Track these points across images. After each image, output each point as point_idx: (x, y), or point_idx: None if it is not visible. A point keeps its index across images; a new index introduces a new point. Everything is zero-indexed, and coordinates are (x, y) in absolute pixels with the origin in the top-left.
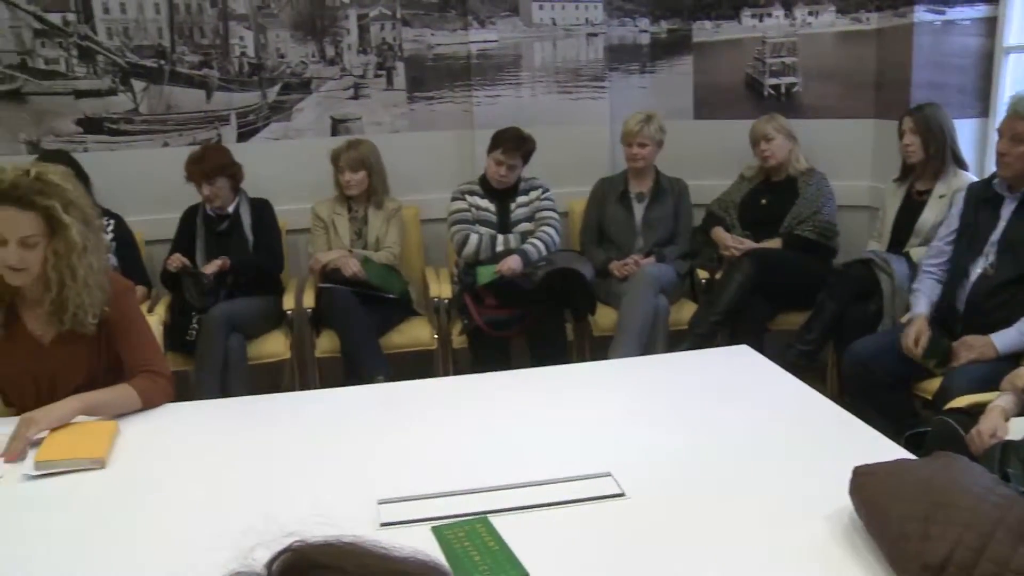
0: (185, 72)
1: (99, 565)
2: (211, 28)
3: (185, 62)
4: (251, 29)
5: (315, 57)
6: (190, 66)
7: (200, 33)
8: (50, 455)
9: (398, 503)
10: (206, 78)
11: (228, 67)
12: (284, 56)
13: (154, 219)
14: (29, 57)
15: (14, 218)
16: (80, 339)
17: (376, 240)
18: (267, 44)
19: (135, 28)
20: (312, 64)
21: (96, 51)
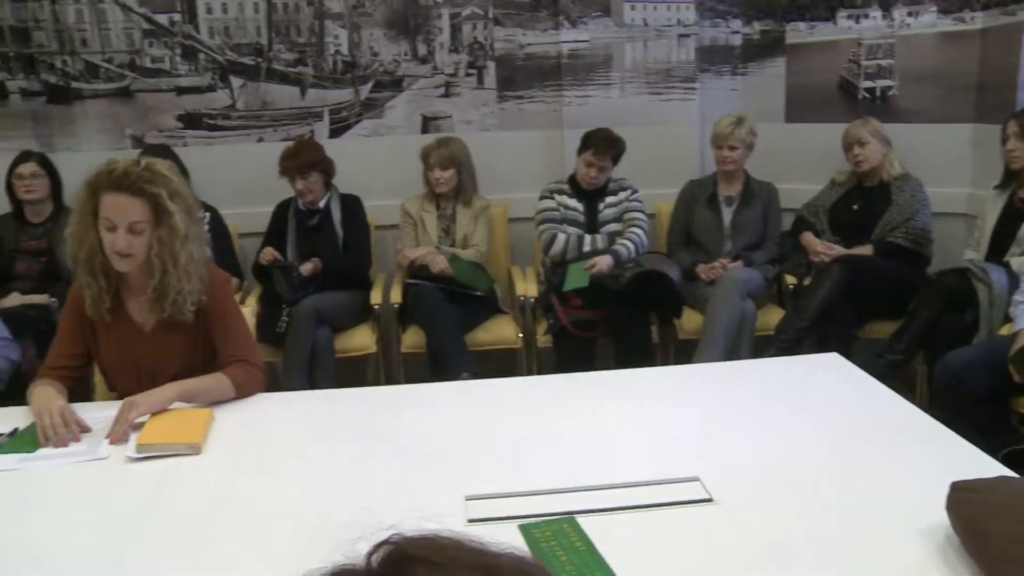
0: (281, 69)
1: (198, 547)
2: (307, 27)
3: (281, 60)
4: (345, 28)
5: (407, 55)
6: (286, 63)
7: (296, 31)
8: (151, 439)
9: (485, 500)
10: (301, 75)
11: (322, 65)
12: (377, 54)
13: (247, 212)
14: (138, 56)
15: (124, 204)
16: (179, 327)
17: (464, 238)
18: (361, 42)
19: (235, 27)
20: (404, 62)
21: (198, 49)
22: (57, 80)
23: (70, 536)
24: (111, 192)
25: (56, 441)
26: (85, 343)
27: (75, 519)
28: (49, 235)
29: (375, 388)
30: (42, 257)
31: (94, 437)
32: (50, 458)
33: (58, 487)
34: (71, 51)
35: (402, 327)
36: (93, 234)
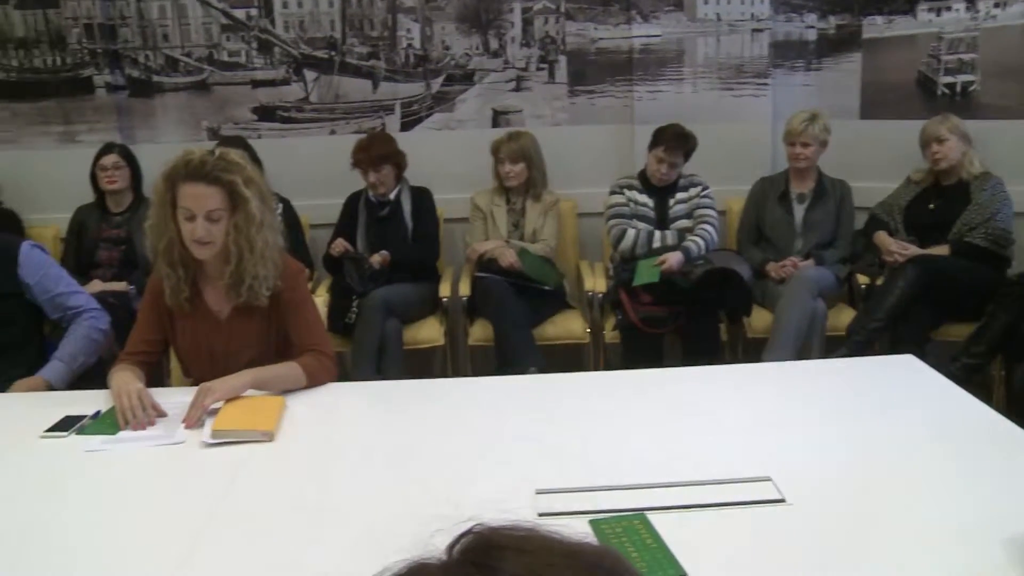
0: (354, 63)
1: (272, 534)
2: (380, 20)
3: (354, 53)
4: (418, 22)
5: (479, 49)
6: (359, 57)
7: (370, 25)
8: (225, 425)
9: (555, 494)
10: (373, 69)
11: (395, 58)
12: (449, 48)
13: (319, 204)
14: (215, 50)
15: (202, 193)
16: (254, 316)
17: (533, 232)
18: (433, 36)
19: (310, 21)
20: (476, 56)
21: (273, 43)
22: (139, 74)
23: (147, 517)
24: (188, 182)
25: (134, 424)
26: (163, 330)
27: (153, 501)
28: (128, 224)
29: (443, 380)
30: (121, 245)
31: (171, 422)
32: (130, 441)
33: (137, 469)
34: (153, 46)
35: (470, 320)
36: (172, 225)
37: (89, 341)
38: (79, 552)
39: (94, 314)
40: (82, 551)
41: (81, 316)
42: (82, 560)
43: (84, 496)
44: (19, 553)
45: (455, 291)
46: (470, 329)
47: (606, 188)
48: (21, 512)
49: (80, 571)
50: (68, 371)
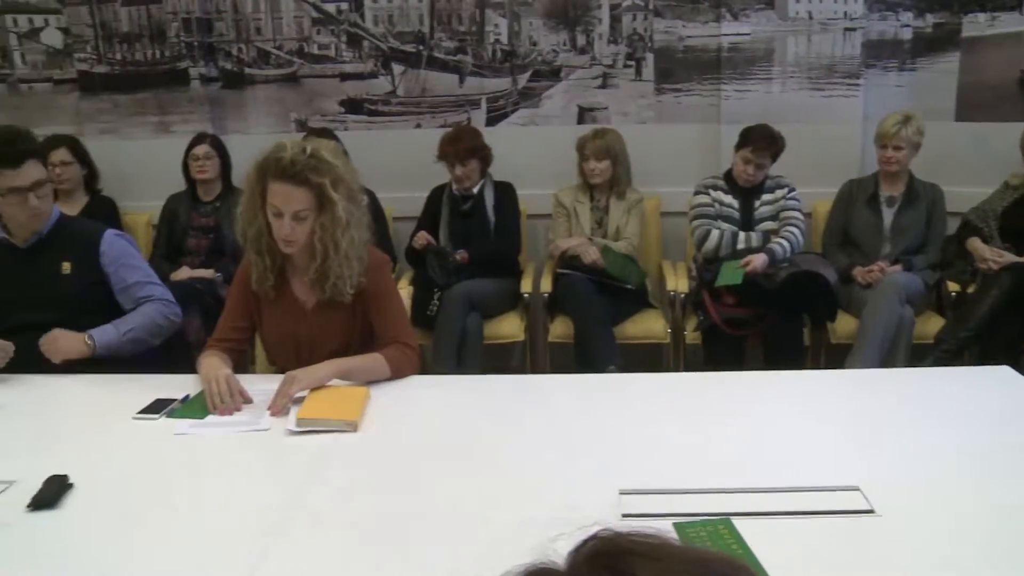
0: (441, 57)
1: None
2: (468, 15)
3: (442, 48)
4: (506, 17)
5: (566, 45)
6: (446, 51)
7: (458, 20)
8: (310, 414)
9: (640, 495)
10: (460, 63)
11: (482, 53)
12: (536, 44)
13: (403, 196)
14: (306, 43)
15: (290, 193)
16: (339, 307)
17: (616, 230)
18: (520, 32)
19: (399, 15)
20: (563, 52)
21: (363, 37)
22: (232, 66)
23: (232, 502)
24: (278, 181)
25: (222, 409)
26: (250, 317)
27: (237, 486)
28: (217, 213)
29: (523, 376)
30: (210, 234)
31: (257, 409)
32: (217, 425)
33: (223, 453)
34: (246, 39)
35: (550, 316)
36: (261, 215)
37: (150, 321)
38: (164, 532)
39: (164, 303)
40: (167, 532)
41: (151, 300)
42: (167, 540)
43: (172, 478)
44: (106, 530)
45: (536, 287)
46: (550, 325)
47: (690, 187)
48: (111, 491)
49: (166, 551)
50: (117, 337)
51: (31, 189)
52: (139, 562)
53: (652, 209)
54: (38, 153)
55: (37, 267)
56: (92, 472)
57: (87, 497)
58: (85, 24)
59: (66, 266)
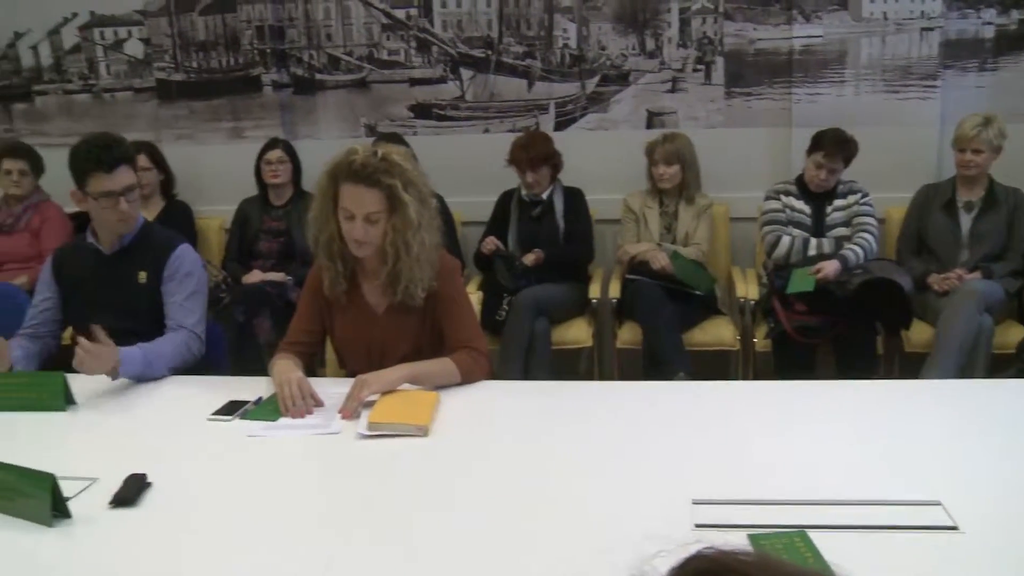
0: (510, 62)
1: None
2: (537, 20)
3: (510, 52)
4: (574, 21)
5: (635, 50)
6: (515, 56)
7: (526, 25)
8: (381, 418)
9: (712, 505)
10: (529, 68)
11: (550, 58)
12: (605, 48)
13: (471, 201)
14: (375, 49)
15: (362, 195)
16: (410, 311)
17: (685, 235)
18: (589, 36)
19: (467, 20)
20: (631, 56)
21: (432, 42)
22: (303, 73)
23: (303, 504)
24: (350, 183)
25: (295, 412)
26: (321, 321)
27: (309, 488)
28: (288, 217)
29: (592, 383)
30: (281, 237)
31: (328, 412)
32: (289, 428)
33: (295, 456)
34: (317, 45)
35: (619, 322)
36: (333, 220)
37: (177, 355)
38: (237, 533)
39: (194, 336)
40: (239, 532)
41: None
42: (239, 540)
43: (244, 479)
44: (182, 529)
45: (605, 292)
46: (618, 331)
47: (761, 192)
48: (187, 491)
49: (238, 551)
50: (143, 362)
51: (122, 194)
52: (212, 561)
53: (721, 214)
54: (130, 160)
55: (117, 274)
56: (169, 472)
57: (164, 496)
58: (164, 34)
59: (142, 275)
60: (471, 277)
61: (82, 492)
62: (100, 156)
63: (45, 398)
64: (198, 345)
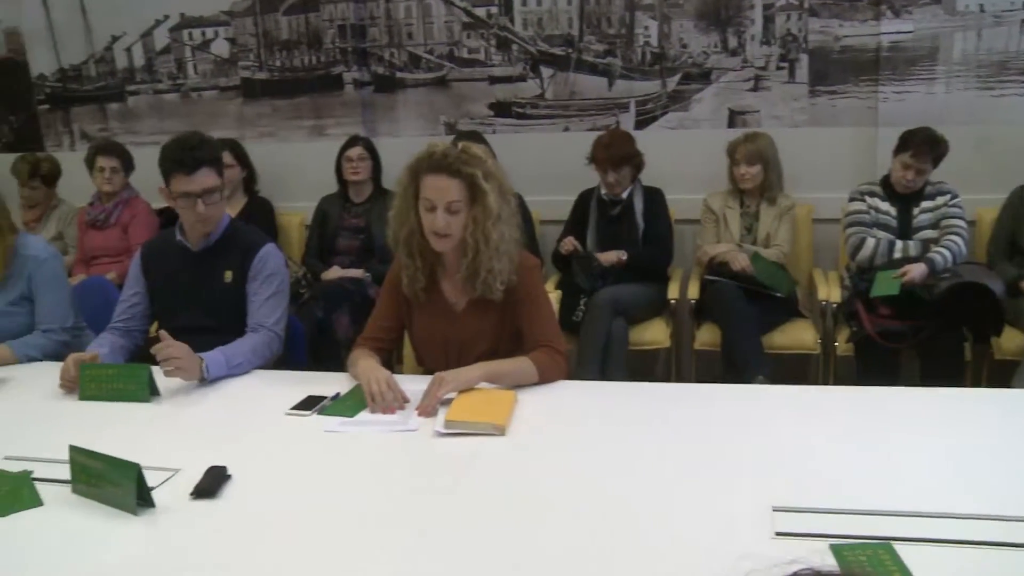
0: (590, 60)
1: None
2: (618, 18)
3: (591, 50)
4: (656, 19)
5: (717, 47)
6: (595, 54)
7: (607, 23)
8: (459, 416)
9: (794, 513)
10: (609, 66)
11: (631, 56)
12: (686, 46)
13: (550, 200)
14: (456, 47)
15: (443, 185)
16: (489, 309)
17: (766, 236)
18: (670, 34)
19: (548, 18)
20: (713, 54)
21: (512, 40)
22: (384, 71)
23: (380, 501)
24: (431, 173)
25: (384, 408)
26: (400, 318)
27: (385, 485)
28: (368, 214)
29: (670, 385)
30: (360, 234)
31: (405, 409)
32: (366, 424)
33: (372, 452)
34: (398, 44)
35: (697, 323)
36: (413, 216)
37: (258, 355)
38: (314, 527)
39: (274, 335)
40: (316, 527)
41: (262, 330)
42: (316, 535)
43: (322, 474)
44: (261, 521)
45: (683, 293)
46: (696, 333)
47: (844, 193)
48: (266, 484)
49: (315, 546)
50: (227, 365)
51: (200, 195)
52: (290, 554)
53: (804, 215)
54: (214, 162)
55: (204, 273)
56: (248, 465)
57: (243, 488)
58: (249, 34)
59: (228, 274)
60: (548, 276)
61: (165, 482)
62: (182, 157)
63: (132, 389)
64: (278, 344)
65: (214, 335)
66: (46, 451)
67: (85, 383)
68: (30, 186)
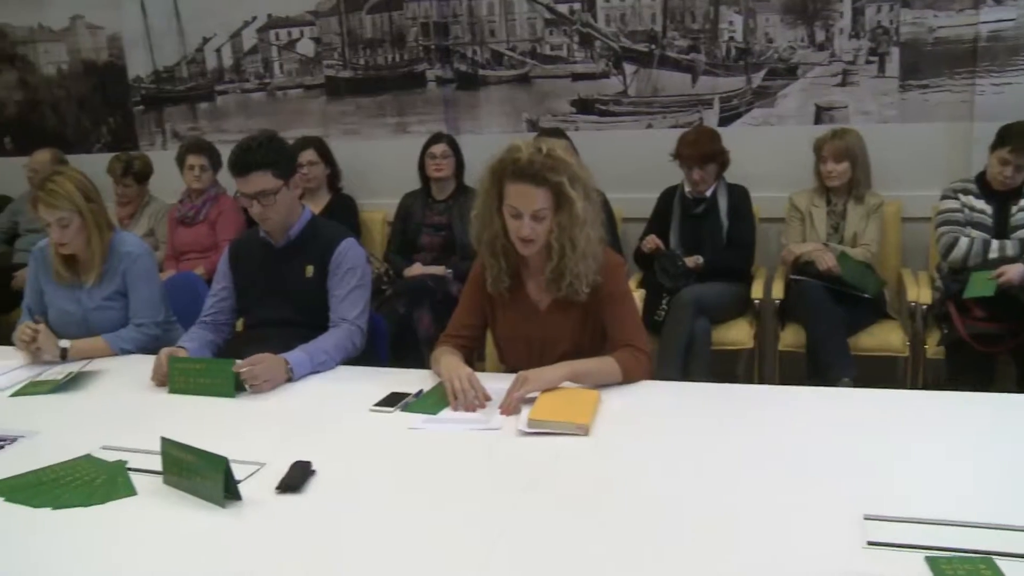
0: (673, 56)
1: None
2: (702, 13)
3: (674, 47)
4: (741, 14)
5: (804, 42)
6: (678, 50)
7: (691, 18)
8: (542, 415)
9: (886, 522)
10: (693, 62)
11: (715, 51)
12: (772, 41)
13: (632, 198)
14: (538, 44)
15: (529, 193)
16: (572, 308)
17: (853, 235)
18: (756, 28)
19: (631, 14)
20: (800, 49)
21: (594, 37)
22: (466, 68)
23: (462, 498)
24: (516, 181)
25: (466, 405)
26: (483, 316)
27: (468, 483)
28: (450, 211)
29: (755, 386)
30: (442, 231)
31: (488, 407)
32: (449, 422)
33: (455, 450)
34: (480, 41)
35: (781, 324)
36: (496, 218)
37: (342, 351)
38: (396, 524)
39: (356, 328)
40: (399, 523)
41: (343, 324)
42: (398, 532)
43: (405, 471)
44: (345, 517)
45: (768, 293)
46: (781, 333)
47: (936, 191)
48: (349, 480)
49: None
50: (311, 363)
51: (254, 197)
52: (373, 550)
53: (893, 214)
54: (269, 165)
55: (286, 268)
56: (332, 460)
57: (328, 484)
58: (334, 33)
59: (309, 270)
60: (630, 275)
61: (251, 476)
62: (235, 160)
63: (218, 384)
64: (361, 338)
65: (297, 329)
66: (139, 442)
67: (174, 377)
68: (123, 184)
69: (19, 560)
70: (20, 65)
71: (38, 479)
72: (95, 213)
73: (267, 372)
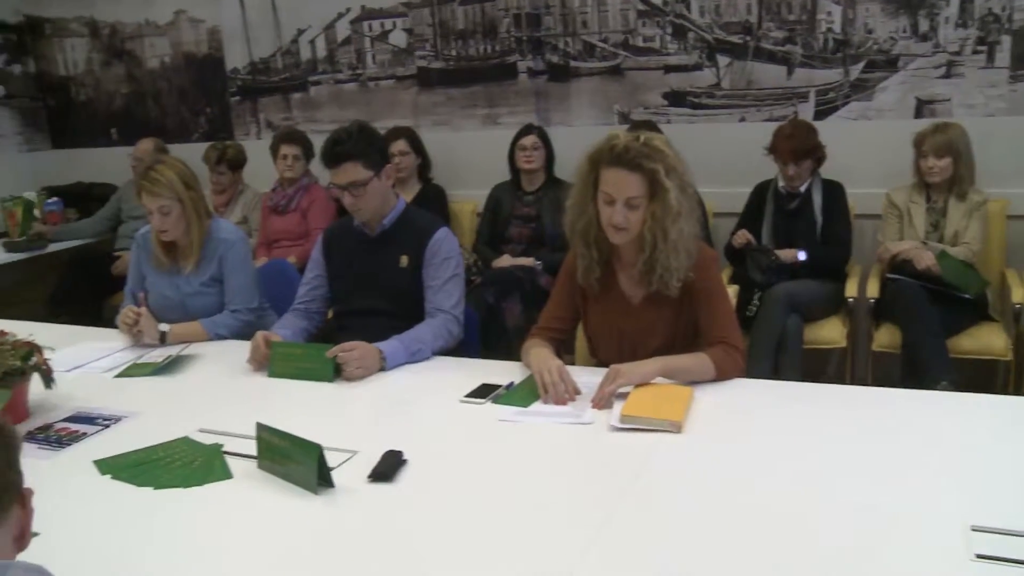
0: (768, 48)
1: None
2: (799, 3)
3: (770, 38)
4: (840, 4)
5: (906, 32)
6: (774, 42)
7: (787, 9)
8: (635, 411)
9: (995, 534)
10: (789, 54)
11: (812, 43)
12: (872, 31)
13: (724, 192)
14: (630, 36)
15: (624, 179)
16: (665, 302)
17: (954, 234)
18: (855, 19)
19: (725, 5)
20: (901, 40)
21: (688, 28)
22: (558, 60)
23: (554, 493)
24: (611, 167)
25: (556, 398)
26: (575, 308)
27: (559, 478)
28: (539, 203)
29: (849, 387)
30: (531, 223)
31: (579, 401)
32: (540, 415)
33: (545, 444)
34: (572, 33)
35: (876, 324)
36: (591, 206)
37: (439, 341)
38: (487, 516)
39: (453, 318)
40: (489, 516)
41: (440, 314)
42: (489, 524)
43: (495, 463)
44: (435, 507)
45: (863, 291)
46: (875, 333)
47: None
48: (440, 470)
49: (487, 535)
50: (405, 354)
51: (346, 188)
52: (464, 541)
53: (997, 212)
54: (360, 155)
55: (381, 257)
56: (423, 450)
57: (418, 473)
58: (426, 24)
59: (404, 259)
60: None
61: (343, 464)
62: (326, 152)
63: (316, 369)
64: (458, 328)
65: (390, 319)
66: (235, 426)
67: (275, 360)
68: (217, 171)
69: (124, 537)
70: (128, 59)
71: (140, 459)
72: (194, 201)
73: (361, 359)
